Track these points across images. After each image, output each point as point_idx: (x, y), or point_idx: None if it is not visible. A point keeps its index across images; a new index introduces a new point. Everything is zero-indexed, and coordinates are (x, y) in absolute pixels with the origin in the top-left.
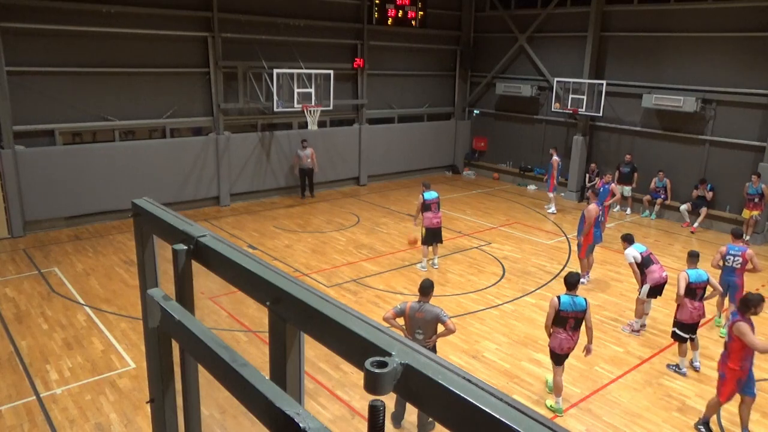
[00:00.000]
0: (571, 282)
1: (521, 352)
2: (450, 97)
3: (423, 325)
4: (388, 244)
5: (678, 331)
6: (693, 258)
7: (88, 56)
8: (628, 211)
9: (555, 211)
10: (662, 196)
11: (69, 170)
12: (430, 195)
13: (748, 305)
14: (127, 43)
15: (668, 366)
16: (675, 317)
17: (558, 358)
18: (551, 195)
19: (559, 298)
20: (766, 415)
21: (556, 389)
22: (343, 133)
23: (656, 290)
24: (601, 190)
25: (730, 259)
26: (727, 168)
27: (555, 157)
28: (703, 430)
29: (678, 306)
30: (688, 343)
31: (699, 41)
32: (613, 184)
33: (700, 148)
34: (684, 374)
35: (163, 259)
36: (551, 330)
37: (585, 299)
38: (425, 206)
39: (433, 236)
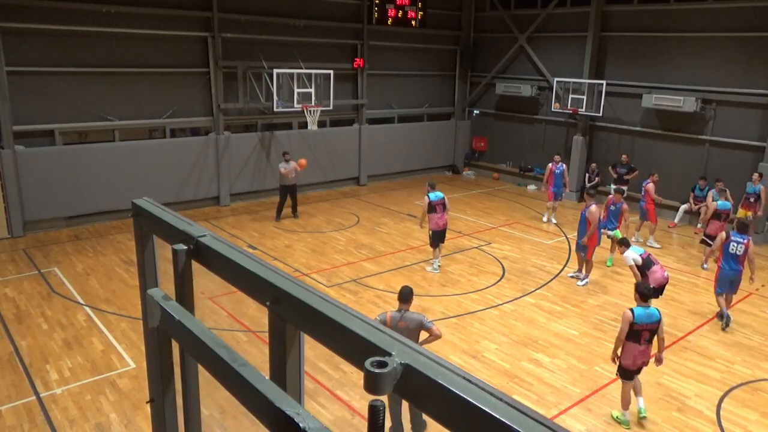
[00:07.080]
0: (645, 293)
1: (521, 352)
2: (450, 97)
3: (407, 335)
4: (388, 244)
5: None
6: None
7: (88, 56)
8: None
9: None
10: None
11: (69, 170)
12: (436, 196)
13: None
14: (127, 43)
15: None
16: (705, 233)
17: (629, 373)
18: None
19: (632, 310)
20: (765, 414)
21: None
22: (343, 133)
23: (658, 291)
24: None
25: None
26: (727, 168)
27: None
28: (724, 319)
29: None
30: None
31: (699, 41)
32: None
33: (700, 148)
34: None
35: (163, 259)
36: (623, 345)
37: (658, 311)
38: (431, 207)
39: (439, 238)
